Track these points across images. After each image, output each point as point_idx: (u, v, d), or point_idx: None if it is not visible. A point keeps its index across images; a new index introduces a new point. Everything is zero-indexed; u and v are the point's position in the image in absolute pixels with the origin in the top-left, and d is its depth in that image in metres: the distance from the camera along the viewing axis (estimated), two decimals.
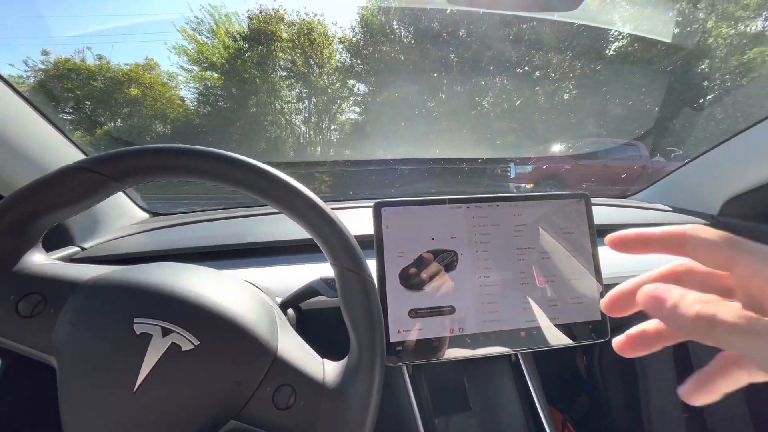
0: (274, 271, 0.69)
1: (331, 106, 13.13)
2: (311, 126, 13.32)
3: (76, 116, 11.71)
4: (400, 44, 12.95)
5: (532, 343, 0.60)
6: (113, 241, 0.74)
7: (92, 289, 0.33)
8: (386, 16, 12.76)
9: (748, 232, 0.94)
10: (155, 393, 0.30)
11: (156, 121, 12.44)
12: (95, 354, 0.30)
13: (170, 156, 0.33)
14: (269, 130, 12.63)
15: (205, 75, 12.17)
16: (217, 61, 12.08)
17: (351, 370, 0.34)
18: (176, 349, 0.30)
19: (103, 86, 11.77)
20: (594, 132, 10.94)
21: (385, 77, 12.67)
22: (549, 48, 12.08)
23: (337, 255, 0.35)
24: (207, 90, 12.50)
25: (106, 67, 11.80)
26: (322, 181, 7.38)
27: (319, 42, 12.59)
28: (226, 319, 0.33)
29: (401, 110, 12.44)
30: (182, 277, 0.35)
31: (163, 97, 12.20)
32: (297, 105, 13.15)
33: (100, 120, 11.94)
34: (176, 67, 12.54)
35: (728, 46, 10.48)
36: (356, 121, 13.48)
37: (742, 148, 0.94)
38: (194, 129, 12.19)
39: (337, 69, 13.08)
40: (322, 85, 13.06)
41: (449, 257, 0.60)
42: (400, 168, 6.27)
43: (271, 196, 0.35)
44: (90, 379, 0.30)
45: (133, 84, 11.87)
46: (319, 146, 13.20)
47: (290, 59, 12.64)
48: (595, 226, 0.64)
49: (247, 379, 0.32)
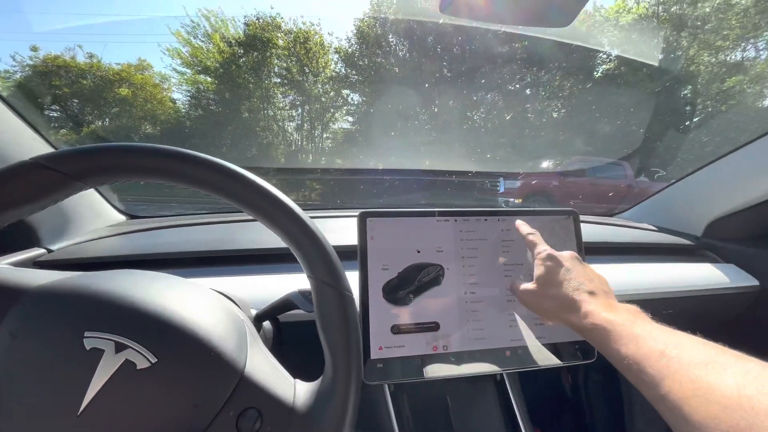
0: (254, 281, 0.66)
1: (324, 115, 13.17)
2: (303, 133, 13.32)
3: (62, 114, 11.49)
4: (395, 57, 13.14)
5: (517, 363, 0.58)
6: (83, 244, 0.70)
7: (40, 297, 0.30)
8: (382, 28, 12.95)
9: (731, 253, 0.95)
10: (103, 416, 0.26)
11: (146, 122, 12.27)
12: (37, 371, 0.27)
13: (137, 155, 0.31)
14: (261, 135, 12.58)
15: (198, 78, 12.11)
16: (211, 65, 12.04)
17: (323, 393, 0.32)
18: (130, 367, 0.28)
19: (92, 85, 11.60)
20: (581, 150, 11.20)
21: (379, 88, 12.80)
22: (540, 67, 12.41)
23: (313, 266, 0.33)
24: (199, 93, 12.43)
25: (97, 66, 11.64)
26: (312, 189, 7.34)
27: (315, 51, 12.68)
28: (189, 335, 0.30)
29: (394, 121, 12.55)
30: (142, 287, 0.32)
31: (154, 99, 12.07)
32: (290, 112, 13.16)
33: (88, 119, 11.74)
34: (169, 70, 12.46)
35: (709, 73, 10.92)
36: (348, 130, 13.55)
37: (725, 172, 0.95)
38: (185, 131, 12.07)
39: (332, 78, 13.17)
40: (316, 94, 13.11)
41: (435, 271, 0.58)
42: (390, 178, 6.29)
43: (245, 201, 0.32)
44: (29, 400, 0.26)
45: (124, 84, 11.73)
46: (311, 153, 13.18)
47: (285, 67, 12.68)
48: (583, 243, 0.63)
49: (209, 401, 0.29)
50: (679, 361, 0.31)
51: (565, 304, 0.46)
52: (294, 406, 0.31)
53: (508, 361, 0.58)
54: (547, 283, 0.49)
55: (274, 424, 0.30)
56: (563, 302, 0.46)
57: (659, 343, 0.34)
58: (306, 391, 0.33)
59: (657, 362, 0.33)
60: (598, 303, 0.44)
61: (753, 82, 9.94)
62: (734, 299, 0.88)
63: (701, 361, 0.30)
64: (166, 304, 0.31)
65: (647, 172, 7.57)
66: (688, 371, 0.30)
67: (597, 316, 0.41)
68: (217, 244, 0.72)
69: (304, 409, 0.31)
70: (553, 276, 0.48)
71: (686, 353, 0.32)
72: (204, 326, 0.31)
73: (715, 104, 10.42)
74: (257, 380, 0.31)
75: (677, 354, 0.32)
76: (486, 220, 0.61)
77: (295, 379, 0.35)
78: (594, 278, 0.49)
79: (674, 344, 0.33)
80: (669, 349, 0.33)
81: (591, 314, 0.42)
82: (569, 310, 0.45)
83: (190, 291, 0.35)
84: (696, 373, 0.29)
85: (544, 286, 0.49)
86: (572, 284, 0.47)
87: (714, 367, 0.29)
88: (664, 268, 0.87)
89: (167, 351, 0.29)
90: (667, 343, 0.34)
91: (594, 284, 0.47)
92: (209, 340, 0.31)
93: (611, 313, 0.41)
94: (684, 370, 0.30)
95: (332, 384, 0.31)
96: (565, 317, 0.46)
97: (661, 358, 0.33)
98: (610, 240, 0.92)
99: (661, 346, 0.34)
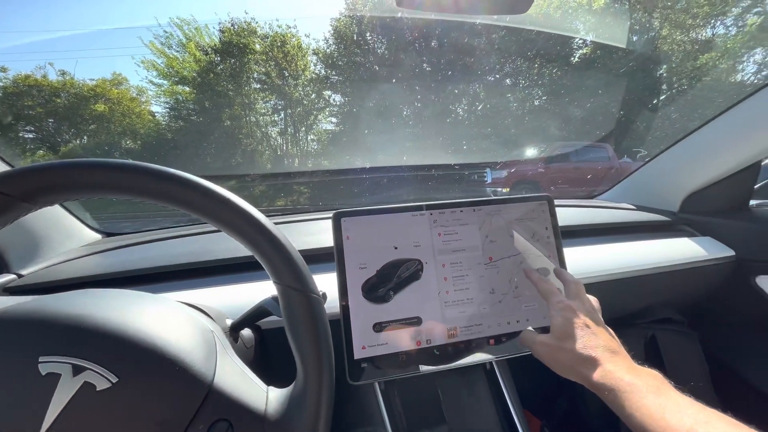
0: (232, 290, 0.65)
1: (308, 117, 13.08)
2: (288, 137, 13.21)
3: (38, 134, 11.21)
4: (373, 54, 13.11)
5: (501, 351, 0.58)
6: (56, 266, 0.68)
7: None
8: (359, 26, 12.90)
9: (708, 226, 0.97)
10: None
11: (125, 138, 12.03)
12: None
13: (85, 171, 0.30)
14: (245, 143, 12.44)
15: (176, 89, 11.90)
16: (188, 74, 11.85)
17: (295, 399, 0.31)
18: (90, 389, 0.27)
19: (67, 102, 11.32)
20: (564, 135, 11.34)
21: (361, 87, 12.76)
22: (519, 56, 12.51)
23: (278, 272, 0.33)
24: (179, 104, 12.22)
25: (70, 83, 11.36)
26: (300, 193, 7.29)
27: (294, 54, 12.57)
28: (151, 351, 0.29)
29: (377, 119, 12.53)
30: (101, 306, 0.31)
31: (132, 113, 11.84)
32: (273, 117, 13.04)
33: (65, 137, 11.46)
34: (145, 82, 12.22)
35: (682, 52, 11.15)
36: (333, 131, 13.48)
37: (696, 147, 0.97)
38: (167, 144, 11.87)
39: (312, 80, 13.08)
40: (298, 97, 13.01)
41: (413, 266, 0.58)
42: (378, 176, 6.29)
43: (203, 210, 0.32)
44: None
45: (100, 99, 11.48)
46: (296, 158, 13.09)
47: (264, 71, 12.54)
48: (559, 227, 0.64)
49: (176, 417, 0.28)
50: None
51: (584, 359, 0.43)
52: (266, 415, 0.31)
53: (493, 350, 0.58)
54: (565, 336, 0.46)
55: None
56: (581, 357, 0.43)
57: (687, 417, 0.32)
58: (278, 399, 0.32)
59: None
60: (619, 363, 0.41)
61: (723, 58, 10.19)
62: (712, 271, 0.90)
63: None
64: (127, 321, 0.30)
65: (630, 153, 7.72)
66: None
67: (618, 377, 0.39)
68: (194, 256, 0.70)
69: (276, 416, 0.31)
70: (570, 329, 0.46)
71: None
72: (167, 341, 0.31)
73: (690, 81, 10.65)
74: (226, 391, 0.31)
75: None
76: (462, 211, 0.61)
77: (268, 387, 0.34)
78: (614, 337, 0.47)
79: (704, 421, 0.32)
80: (699, 426, 0.31)
81: (611, 374, 0.40)
82: (588, 367, 0.42)
83: (152, 306, 0.34)
84: None
85: (561, 339, 0.46)
86: (592, 340, 0.44)
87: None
88: (643, 245, 0.89)
89: (128, 369, 0.28)
90: (697, 419, 0.32)
91: (615, 342, 0.45)
92: (173, 355, 0.30)
93: (634, 377, 0.39)
94: None
95: (304, 390, 0.31)
96: (582, 372, 0.43)
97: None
98: (588, 222, 0.93)
99: (689, 422, 0.32)
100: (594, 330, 0.46)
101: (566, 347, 0.45)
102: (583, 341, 0.45)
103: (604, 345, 0.44)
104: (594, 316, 0.48)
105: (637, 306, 0.94)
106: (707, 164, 0.96)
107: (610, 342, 0.45)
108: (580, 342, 0.45)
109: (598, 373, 0.41)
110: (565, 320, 0.47)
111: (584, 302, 0.50)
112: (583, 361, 0.43)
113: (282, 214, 1.04)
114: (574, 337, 0.45)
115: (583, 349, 0.44)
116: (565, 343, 0.46)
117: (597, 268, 0.79)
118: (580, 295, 0.52)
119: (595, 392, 0.41)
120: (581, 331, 0.46)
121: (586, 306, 0.50)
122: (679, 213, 1.03)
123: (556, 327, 0.48)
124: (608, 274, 0.79)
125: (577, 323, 0.47)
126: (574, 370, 0.44)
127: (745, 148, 0.88)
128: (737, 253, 0.89)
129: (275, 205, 7.09)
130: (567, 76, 12.41)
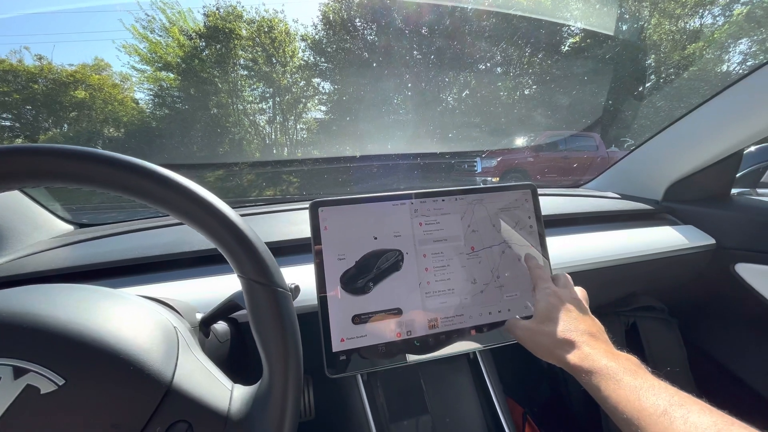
0: (207, 283, 0.63)
1: (296, 105, 12.85)
2: (276, 126, 12.98)
3: (16, 122, 10.82)
4: (363, 40, 12.88)
5: (483, 341, 0.58)
6: (21, 260, 0.65)
7: None
8: (348, 12, 12.62)
9: (690, 214, 0.98)
10: None
11: (108, 126, 11.67)
12: None
13: (23, 158, 0.27)
14: (232, 131, 12.19)
15: (160, 75, 11.54)
16: (172, 60, 11.48)
17: (260, 398, 0.30)
18: (33, 392, 0.25)
19: (45, 89, 10.90)
20: (554, 125, 11.39)
21: (350, 74, 12.57)
22: (509, 44, 12.43)
23: (241, 264, 0.31)
24: (163, 91, 11.87)
25: (48, 68, 10.91)
26: (290, 183, 7.20)
27: (281, 40, 12.27)
28: (102, 350, 0.27)
29: (367, 108, 12.39)
30: (47, 303, 0.29)
31: (114, 100, 11.46)
32: (260, 105, 12.77)
33: (44, 125, 11.07)
34: (128, 68, 11.82)
35: (671, 41, 11.21)
36: (322, 120, 13.28)
37: (680, 136, 0.97)
38: (151, 133, 11.57)
39: (301, 67, 12.81)
40: (286, 84, 12.75)
41: (394, 257, 0.56)
42: (367, 165, 6.24)
43: (157, 199, 0.29)
44: None
45: (80, 86, 11.07)
46: (285, 147, 12.90)
47: (251, 58, 12.24)
48: (542, 217, 0.63)
49: (130, 419, 0.27)
50: (685, 424, 0.30)
51: (562, 342, 0.43)
52: (229, 414, 0.29)
53: (475, 340, 0.58)
54: (546, 320, 0.47)
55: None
56: (560, 340, 0.44)
57: (662, 400, 0.32)
58: (243, 397, 0.31)
59: (660, 420, 0.31)
60: (597, 347, 0.41)
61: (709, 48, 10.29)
62: (693, 258, 0.91)
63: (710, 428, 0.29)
64: (75, 318, 0.28)
65: (617, 143, 7.79)
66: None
67: (596, 360, 0.39)
68: (168, 248, 0.68)
69: (239, 415, 0.29)
70: (552, 313, 0.47)
71: (692, 417, 0.30)
72: (120, 338, 0.29)
73: (677, 71, 10.75)
74: (187, 391, 0.29)
75: (682, 416, 0.30)
76: (444, 201, 0.60)
77: (234, 384, 0.32)
78: (596, 322, 0.47)
79: (678, 403, 0.32)
80: (673, 408, 0.31)
81: (589, 357, 0.40)
82: (566, 349, 0.43)
83: (106, 302, 0.32)
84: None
85: (543, 322, 0.47)
86: (572, 324, 0.45)
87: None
88: (626, 234, 0.89)
89: (76, 371, 0.26)
90: (671, 402, 0.32)
91: (596, 327, 0.45)
92: (127, 354, 0.28)
93: (611, 360, 0.39)
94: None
95: (269, 388, 0.30)
96: (560, 356, 0.43)
97: (663, 417, 0.31)
98: (573, 211, 0.93)
99: (663, 403, 0.32)
100: (576, 315, 0.46)
101: (546, 330, 0.46)
102: (564, 325, 0.45)
103: (583, 329, 0.44)
104: (579, 305, 0.49)
105: (620, 294, 0.95)
106: (690, 153, 0.96)
107: (590, 327, 0.45)
108: (560, 326, 0.45)
109: (575, 355, 0.41)
110: (548, 305, 0.48)
111: (571, 292, 0.51)
112: (562, 344, 0.43)
113: (266, 204, 1.01)
114: (555, 321, 0.46)
115: (562, 333, 0.44)
116: (545, 326, 0.46)
117: (581, 256, 0.79)
118: (568, 286, 0.52)
119: (573, 375, 0.42)
120: (563, 314, 0.46)
121: (573, 294, 0.50)
122: (662, 201, 1.04)
123: (539, 311, 0.48)
124: (592, 262, 0.79)
125: (559, 308, 0.47)
126: (552, 353, 0.44)
127: (727, 137, 0.88)
128: (717, 242, 0.90)
129: (264, 195, 6.99)
130: (557, 65, 12.41)
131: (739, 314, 0.94)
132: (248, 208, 0.96)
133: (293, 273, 0.65)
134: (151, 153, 10.41)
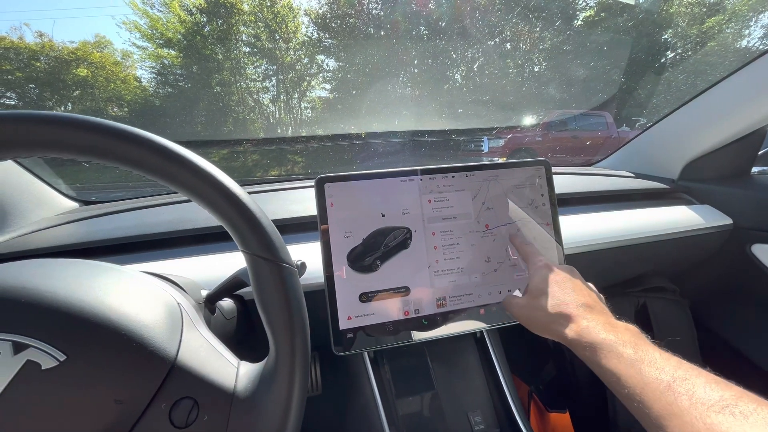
0: (214, 260, 0.62)
1: (300, 83, 12.62)
2: (280, 104, 12.80)
3: (20, 101, 10.78)
4: (368, 15, 12.47)
5: (492, 320, 0.57)
6: (26, 236, 0.65)
7: None
8: None
9: (706, 194, 0.95)
10: (8, 425, 0.24)
11: (111, 104, 11.58)
12: None
13: (20, 125, 0.25)
14: (236, 110, 12.05)
15: (162, 52, 11.33)
16: (173, 37, 11.25)
17: (267, 376, 0.29)
18: (34, 368, 0.24)
19: (47, 67, 10.78)
20: (563, 103, 11.09)
21: (355, 51, 12.25)
22: (519, 18, 11.98)
23: (245, 239, 0.29)
24: (165, 69, 11.68)
25: (49, 46, 10.76)
26: (295, 162, 7.16)
27: (284, 15, 11.92)
28: (104, 325, 0.27)
29: (373, 85, 12.12)
30: (48, 277, 0.28)
31: (116, 78, 11.32)
32: (264, 83, 12.55)
33: (48, 104, 11.02)
34: (129, 45, 11.60)
35: (689, 15, 10.72)
36: (326, 98, 13.06)
37: (697, 114, 0.93)
38: (155, 111, 11.47)
39: (305, 43, 12.49)
40: (290, 61, 12.48)
41: (402, 235, 0.55)
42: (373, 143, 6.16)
43: (157, 171, 0.28)
44: None
45: (82, 64, 10.92)
46: (290, 126, 12.75)
47: (253, 34, 11.94)
48: (555, 194, 0.61)
49: (134, 396, 0.26)
50: (691, 400, 0.28)
51: (559, 316, 0.41)
52: (235, 392, 0.28)
53: (483, 319, 0.57)
54: (541, 294, 0.44)
55: (212, 413, 0.27)
56: (556, 314, 0.42)
57: (665, 374, 0.31)
58: (249, 375, 0.30)
59: (663, 396, 0.29)
60: (595, 319, 0.39)
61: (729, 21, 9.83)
62: (709, 239, 0.88)
63: (717, 404, 0.27)
64: (77, 293, 0.27)
65: (628, 121, 7.59)
66: (702, 414, 0.27)
67: (594, 333, 0.37)
68: (173, 225, 0.67)
69: (245, 393, 0.29)
70: (547, 286, 0.45)
71: (699, 391, 0.28)
72: (123, 314, 0.28)
73: (694, 47, 10.32)
74: (192, 367, 0.28)
75: (687, 390, 0.29)
76: (453, 177, 0.58)
77: (241, 362, 0.32)
78: (592, 293, 0.45)
79: (682, 377, 0.30)
80: (677, 383, 0.29)
81: (587, 330, 0.38)
82: (563, 323, 0.41)
83: (108, 277, 0.31)
84: (712, 419, 0.26)
85: (537, 296, 0.45)
86: (567, 296, 0.43)
87: (732, 412, 0.26)
88: (641, 213, 0.87)
89: (78, 347, 0.25)
90: (675, 376, 0.30)
91: (592, 298, 0.43)
92: (129, 329, 0.27)
93: (610, 332, 0.37)
94: (696, 411, 0.27)
95: (275, 365, 0.29)
96: (556, 330, 0.41)
97: (667, 392, 0.29)
98: (587, 189, 0.90)
99: (667, 378, 0.30)
100: (571, 286, 0.44)
101: (540, 305, 0.44)
102: (558, 298, 0.43)
103: (579, 301, 0.42)
104: (573, 274, 0.47)
105: (631, 274, 0.94)
106: (709, 131, 0.92)
107: (586, 298, 0.42)
108: (554, 299, 0.43)
109: (572, 329, 0.39)
110: (541, 278, 0.46)
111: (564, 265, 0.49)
112: (558, 318, 0.41)
113: (272, 182, 1.00)
114: (549, 295, 0.44)
115: (557, 306, 0.42)
116: (540, 301, 0.44)
117: (594, 235, 0.77)
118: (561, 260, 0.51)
119: (572, 350, 0.40)
120: (557, 287, 0.44)
121: (567, 267, 0.48)
122: (678, 181, 1.00)
123: (532, 285, 0.47)
124: (605, 242, 0.77)
125: (552, 280, 0.45)
126: (548, 328, 0.43)
127: (749, 114, 0.84)
128: (735, 222, 0.87)
129: (269, 175, 6.97)
130: (569, 41, 11.96)
131: (753, 296, 0.92)
132: (253, 187, 0.94)
133: (299, 251, 0.64)
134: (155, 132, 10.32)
